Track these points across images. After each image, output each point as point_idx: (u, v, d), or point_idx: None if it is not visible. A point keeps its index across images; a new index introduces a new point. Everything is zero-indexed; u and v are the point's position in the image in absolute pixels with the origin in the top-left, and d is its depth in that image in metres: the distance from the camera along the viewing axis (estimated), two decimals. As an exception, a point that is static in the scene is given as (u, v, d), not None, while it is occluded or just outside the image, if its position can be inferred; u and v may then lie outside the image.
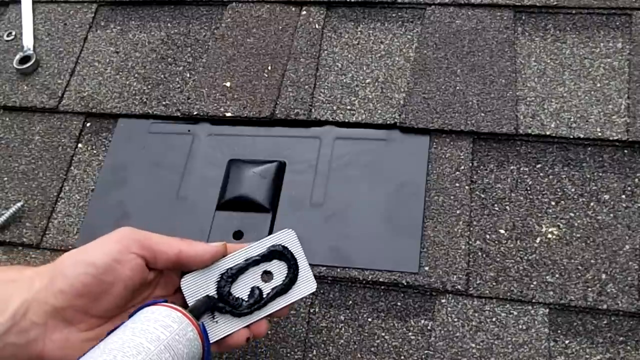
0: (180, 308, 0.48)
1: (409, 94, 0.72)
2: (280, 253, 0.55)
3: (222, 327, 0.53)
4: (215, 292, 0.53)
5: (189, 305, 0.53)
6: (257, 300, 0.53)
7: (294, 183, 0.70)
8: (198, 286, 0.53)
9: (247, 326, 0.53)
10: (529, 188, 0.66)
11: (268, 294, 0.54)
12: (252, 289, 0.54)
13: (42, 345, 0.46)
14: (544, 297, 0.60)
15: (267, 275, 0.55)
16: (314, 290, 0.55)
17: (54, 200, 0.75)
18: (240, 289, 0.54)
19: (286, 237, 0.55)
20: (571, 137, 0.67)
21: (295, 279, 0.55)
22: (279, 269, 0.55)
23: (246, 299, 0.53)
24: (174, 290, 0.54)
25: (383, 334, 0.61)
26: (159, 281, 0.53)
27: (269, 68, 0.78)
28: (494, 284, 0.61)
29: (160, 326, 0.45)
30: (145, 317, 0.46)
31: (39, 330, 0.46)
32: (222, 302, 0.53)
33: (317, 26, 0.80)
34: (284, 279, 0.55)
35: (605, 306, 0.59)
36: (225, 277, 0.53)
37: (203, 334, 0.49)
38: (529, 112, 0.69)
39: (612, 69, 0.70)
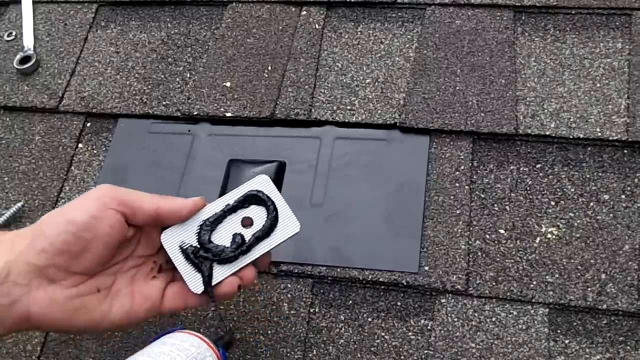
0: (198, 334, 0.48)
1: (409, 94, 0.73)
2: (256, 197, 0.54)
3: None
4: (197, 242, 0.53)
5: (172, 259, 0.53)
6: (240, 244, 0.53)
7: (294, 183, 0.70)
8: (178, 239, 0.53)
9: (236, 274, 0.53)
10: (528, 188, 0.66)
11: (250, 239, 0.54)
12: (234, 236, 0.53)
13: (27, 304, 0.47)
14: (544, 297, 0.60)
15: (247, 221, 0.54)
16: (298, 230, 0.55)
17: (54, 200, 0.75)
18: (222, 238, 0.54)
19: (260, 183, 0.55)
20: (571, 137, 0.67)
21: (277, 222, 0.54)
22: (258, 214, 0.55)
23: (228, 246, 0.53)
24: (157, 249, 0.55)
25: (383, 334, 0.61)
26: (140, 238, 0.54)
27: (269, 68, 0.78)
28: (494, 283, 0.62)
29: (177, 349, 0.45)
30: (161, 342, 0.47)
31: (23, 290, 0.47)
32: (204, 251, 0.53)
33: (317, 26, 0.80)
34: (264, 223, 0.54)
35: (605, 306, 0.59)
36: (204, 227, 0.53)
37: (222, 357, 0.49)
38: (529, 112, 0.69)
39: (612, 69, 0.70)
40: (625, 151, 0.66)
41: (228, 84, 0.78)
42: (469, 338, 0.60)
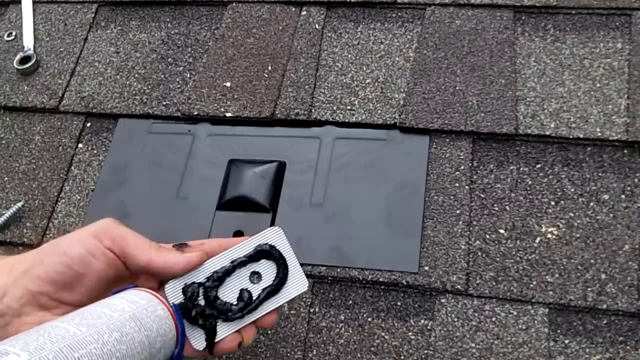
0: (150, 291, 0.47)
1: (409, 94, 0.73)
2: (267, 253, 0.53)
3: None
4: (202, 297, 0.51)
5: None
6: (247, 303, 0.51)
7: (294, 183, 0.70)
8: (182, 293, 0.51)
9: (238, 330, 0.52)
10: (528, 188, 0.66)
11: (259, 295, 0.52)
12: (241, 292, 0.52)
13: (18, 328, 0.47)
14: (544, 297, 0.60)
15: (255, 276, 0.53)
16: (306, 289, 0.53)
17: (55, 200, 0.75)
18: (228, 293, 0.52)
19: (273, 236, 0.53)
20: (571, 137, 0.67)
21: (286, 279, 0.53)
22: (267, 269, 0.53)
23: (235, 303, 0.51)
24: (159, 284, 0.53)
25: (383, 334, 0.61)
26: (139, 277, 0.52)
27: (269, 68, 0.78)
28: (494, 283, 0.62)
29: (126, 301, 0.44)
30: (111, 296, 0.46)
31: (15, 314, 0.47)
32: (210, 308, 0.51)
33: (317, 26, 0.80)
34: (273, 279, 0.52)
35: (604, 306, 0.59)
36: (212, 281, 0.51)
37: (176, 314, 0.47)
38: (529, 112, 0.69)
39: (612, 69, 0.70)
40: (625, 151, 0.66)
41: (228, 84, 0.78)
42: (469, 338, 0.60)
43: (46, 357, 0.36)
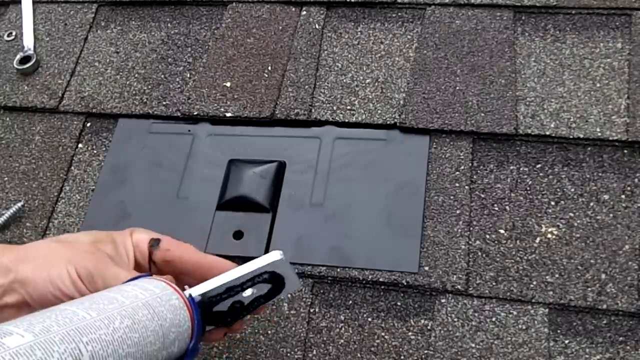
0: (165, 280, 0.45)
1: (409, 94, 0.73)
2: (266, 280, 0.50)
3: None
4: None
5: None
6: (238, 313, 0.50)
7: (294, 183, 0.70)
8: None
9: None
10: (528, 188, 0.66)
11: (250, 302, 0.50)
12: (233, 304, 0.50)
13: None
14: (544, 297, 0.60)
15: (249, 290, 0.50)
16: (299, 287, 0.52)
17: (55, 200, 0.75)
18: (220, 306, 0.50)
19: (276, 265, 0.49)
20: (571, 137, 0.67)
21: (279, 293, 0.51)
22: (263, 286, 0.50)
23: (225, 310, 0.50)
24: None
25: (383, 334, 0.61)
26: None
27: (269, 68, 0.78)
28: (494, 283, 0.62)
29: (139, 288, 0.42)
30: (123, 284, 0.44)
31: (13, 311, 0.47)
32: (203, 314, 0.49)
33: (317, 26, 0.80)
34: (266, 291, 0.50)
35: (605, 306, 0.59)
36: (204, 307, 0.48)
37: (191, 304, 0.45)
38: (529, 112, 0.69)
39: (612, 69, 0.70)
40: (625, 151, 0.66)
41: (228, 84, 0.78)
42: (469, 338, 0.60)
43: (52, 340, 0.34)
